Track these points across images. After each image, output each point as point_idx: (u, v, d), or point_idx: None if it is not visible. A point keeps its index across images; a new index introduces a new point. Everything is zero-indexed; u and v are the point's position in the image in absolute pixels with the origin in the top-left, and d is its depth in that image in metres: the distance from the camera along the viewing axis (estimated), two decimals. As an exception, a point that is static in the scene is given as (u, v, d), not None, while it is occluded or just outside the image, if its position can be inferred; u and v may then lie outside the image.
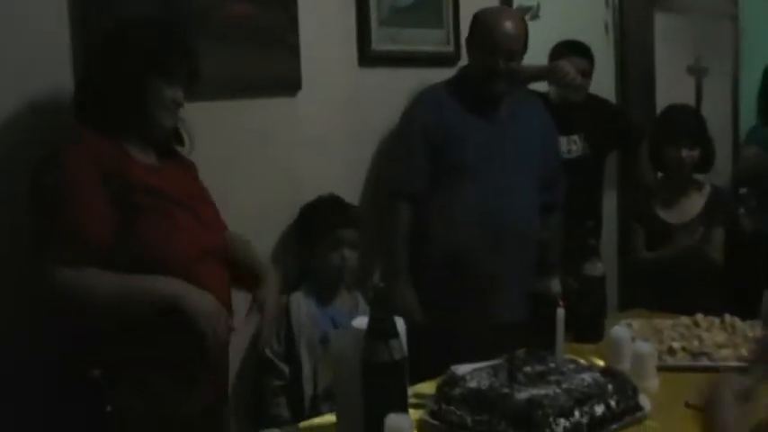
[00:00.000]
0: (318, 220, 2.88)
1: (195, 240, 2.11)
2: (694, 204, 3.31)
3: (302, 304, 2.83)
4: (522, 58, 3.09)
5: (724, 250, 3.23)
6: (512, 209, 2.98)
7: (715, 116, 4.88)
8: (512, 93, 3.09)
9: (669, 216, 3.30)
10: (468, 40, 3.13)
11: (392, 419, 1.64)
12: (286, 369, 2.78)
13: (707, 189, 3.35)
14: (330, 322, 2.83)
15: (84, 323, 1.99)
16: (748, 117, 5.04)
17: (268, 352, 2.77)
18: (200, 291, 2.03)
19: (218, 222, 2.27)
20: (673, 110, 3.51)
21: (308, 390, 2.75)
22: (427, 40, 3.24)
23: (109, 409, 1.35)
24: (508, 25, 3.01)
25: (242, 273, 2.29)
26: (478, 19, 3.09)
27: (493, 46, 2.99)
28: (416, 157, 3.02)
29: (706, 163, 3.35)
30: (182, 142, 2.27)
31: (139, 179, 2.05)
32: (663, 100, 4.49)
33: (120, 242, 1.98)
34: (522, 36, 3.05)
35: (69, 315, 1.98)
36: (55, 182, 1.98)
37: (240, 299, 2.29)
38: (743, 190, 3.85)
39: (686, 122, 3.36)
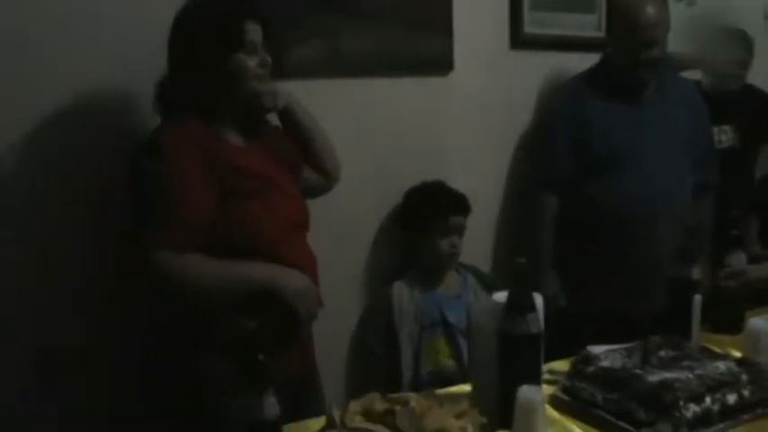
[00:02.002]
0: (429, 207, 2.86)
1: (284, 216, 2.16)
2: None
3: (405, 293, 2.84)
4: (665, 44, 3.00)
5: None
6: (664, 192, 2.94)
7: None
8: (656, 78, 3.02)
9: None
10: (608, 27, 3.07)
11: (525, 391, 1.70)
12: (386, 358, 2.81)
13: None
14: (435, 306, 2.85)
15: (180, 306, 2.04)
16: None
17: (369, 340, 2.85)
18: (290, 271, 2.10)
19: (298, 192, 2.29)
20: None
21: (406, 377, 2.78)
22: (578, 24, 3.25)
23: (261, 357, 1.45)
24: (649, 11, 2.90)
25: None
26: (618, 6, 3.01)
27: (633, 35, 2.91)
28: (559, 147, 3.01)
29: None
30: (268, 109, 2.26)
31: (235, 163, 2.08)
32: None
33: (217, 224, 2.03)
34: (665, 22, 2.95)
35: (169, 299, 2.02)
36: (159, 167, 2.00)
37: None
38: None
39: None
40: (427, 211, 2.86)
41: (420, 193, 2.92)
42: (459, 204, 2.90)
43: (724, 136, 3.57)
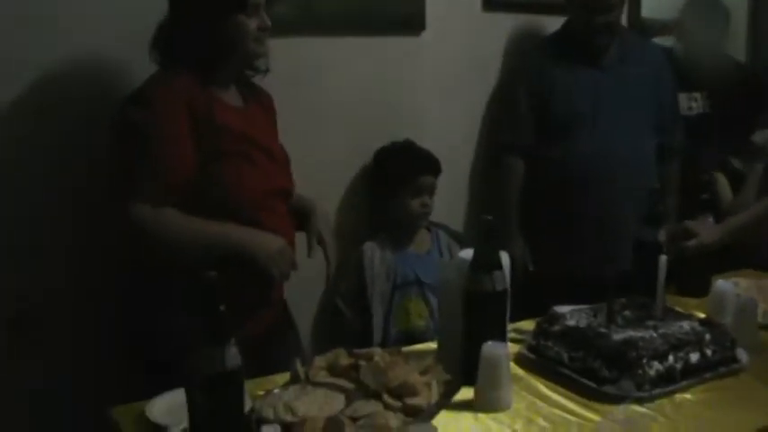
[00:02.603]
0: (400, 167, 2.85)
1: (270, 181, 2.17)
2: None
3: (376, 253, 2.84)
4: (622, 7, 3.03)
5: None
6: (624, 155, 2.95)
7: None
8: (616, 41, 3.03)
9: None
10: None
11: (489, 347, 1.71)
12: (357, 320, 2.82)
13: None
14: (407, 265, 2.85)
15: (154, 260, 2.04)
16: None
17: (338, 302, 2.84)
18: (267, 235, 2.10)
19: (287, 160, 2.31)
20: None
21: (377, 337, 2.78)
22: (551, -13, 3.21)
23: (222, 308, 1.45)
24: None
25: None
26: None
27: (588, 2, 2.94)
28: (523, 112, 3.02)
29: None
30: (259, 70, 2.25)
31: (224, 122, 2.07)
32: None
33: (200, 183, 2.02)
34: None
35: (141, 251, 2.02)
36: (144, 120, 2.00)
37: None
38: None
39: None
40: (398, 171, 2.85)
41: (390, 153, 2.90)
42: (429, 164, 2.89)
43: (694, 103, 3.57)
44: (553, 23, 3.18)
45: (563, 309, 2.07)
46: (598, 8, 2.93)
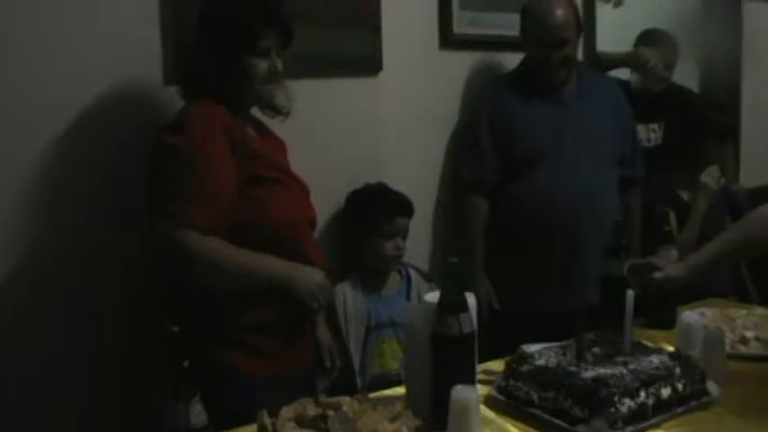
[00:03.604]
0: (374, 209, 2.84)
1: (304, 209, 2.23)
2: None
3: (349, 295, 2.81)
4: (577, 42, 3.07)
5: None
6: (587, 189, 2.96)
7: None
8: (574, 75, 3.06)
9: None
10: (521, 29, 3.09)
11: (458, 391, 1.67)
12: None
13: None
14: (381, 307, 2.83)
15: (190, 286, 2.05)
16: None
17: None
18: (308, 268, 2.13)
19: (309, 193, 2.33)
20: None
21: (359, 381, 2.75)
22: (508, 24, 3.20)
23: (186, 364, 1.41)
24: (557, 13, 2.96)
25: None
26: (527, 10, 3.06)
27: (543, 37, 2.97)
28: (484, 150, 3.03)
29: None
30: (280, 111, 2.30)
31: (260, 149, 2.12)
32: (748, 90, 4.43)
33: (241, 207, 2.04)
34: (573, 21, 3.00)
35: (187, 277, 2.04)
36: (187, 144, 2.01)
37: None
38: None
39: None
40: (371, 214, 2.84)
41: (363, 195, 2.89)
42: (402, 206, 2.88)
43: (653, 134, 3.61)
44: (511, 60, 3.21)
45: (532, 347, 2.05)
46: (553, 44, 2.96)
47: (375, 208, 2.85)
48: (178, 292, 2.10)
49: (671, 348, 2.14)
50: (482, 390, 1.94)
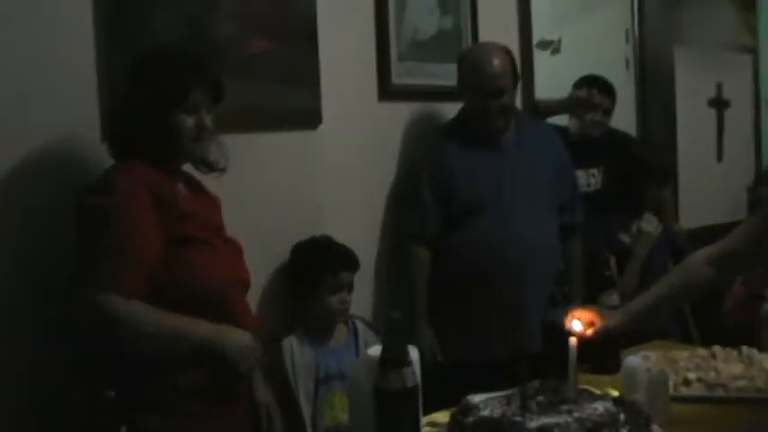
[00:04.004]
0: (320, 263, 2.82)
1: (235, 271, 2.18)
2: None
3: (296, 348, 2.78)
4: (515, 90, 3.10)
5: None
6: (529, 237, 2.97)
7: (736, 149, 4.92)
8: (513, 124, 3.09)
9: None
10: (459, 79, 3.12)
11: (404, 446, 1.66)
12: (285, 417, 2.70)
13: None
14: (329, 359, 2.81)
15: (115, 351, 2.01)
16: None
17: None
18: (235, 330, 2.09)
19: (242, 253, 2.29)
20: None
21: None
22: (447, 74, 3.24)
23: (123, 430, 1.37)
24: (493, 63, 2.99)
25: None
26: (463, 60, 3.09)
27: (480, 87, 3.00)
28: (424, 201, 3.03)
29: None
30: (213, 167, 2.28)
31: (187, 208, 2.08)
32: (684, 133, 4.53)
33: (167, 269, 2.01)
34: (509, 70, 3.03)
35: (110, 343, 1.99)
36: (110, 206, 1.98)
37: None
38: None
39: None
40: (317, 268, 2.82)
41: (308, 248, 2.87)
42: (348, 260, 2.87)
43: (593, 179, 3.66)
44: (450, 110, 3.23)
45: (476, 398, 2.03)
46: (490, 93, 2.98)
47: (320, 262, 2.83)
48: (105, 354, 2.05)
49: (616, 393, 2.13)
50: (428, 443, 1.92)
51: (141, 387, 2.01)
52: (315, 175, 2.99)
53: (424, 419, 1.94)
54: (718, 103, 4.92)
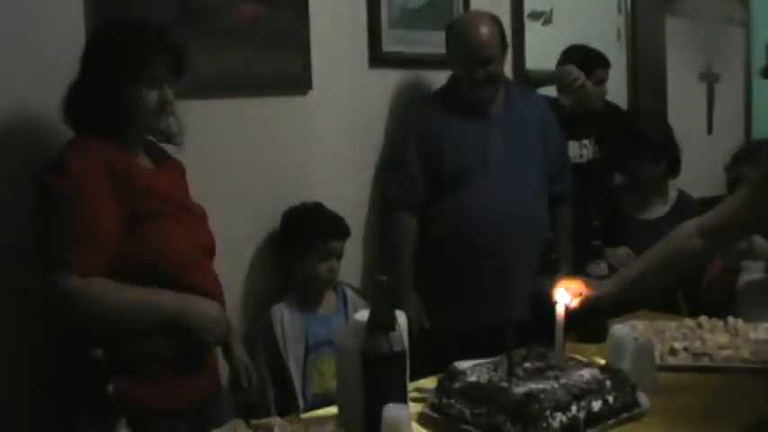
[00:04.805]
0: (310, 231, 2.82)
1: (196, 239, 2.16)
2: (658, 210, 3.41)
3: (286, 315, 2.79)
4: (503, 59, 3.09)
5: None
6: (517, 205, 2.98)
7: (726, 122, 4.92)
8: (502, 92, 3.08)
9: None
10: (447, 47, 3.10)
11: (390, 410, 1.66)
12: (276, 393, 2.75)
13: (672, 195, 3.44)
14: (318, 326, 2.81)
15: (86, 330, 1.99)
16: (760, 124, 5.07)
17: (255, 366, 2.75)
18: (201, 300, 2.09)
19: (205, 216, 2.28)
20: (639, 123, 3.61)
21: (301, 401, 2.73)
22: (437, 42, 3.21)
23: (110, 388, 1.37)
24: (481, 32, 2.98)
25: None
26: (451, 29, 3.08)
27: (467, 56, 2.99)
28: (412, 169, 3.03)
29: (672, 170, 3.45)
30: (172, 140, 2.24)
31: (146, 184, 2.05)
32: (674, 106, 4.52)
33: (127, 247, 1.99)
34: (497, 39, 3.02)
35: (72, 323, 1.98)
36: (63, 186, 1.96)
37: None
38: None
39: (651, 137, 3.41)
40: (307, 235, 2.81)
41: (299, 215, 2.87)
42: (338, 228, 2.87)
43: (585, 150, 3.65)
44: (439, 77, 3.22)
45: (463, 364, 2.04)
46: (477, 62, 2.97)
47: (310, 229, 2.82)
48: None
49: (602, 361, 2.14)
50: (415, 408, 1.93)
51: (109, 350, 1.96)
52: (304, 141, 2.98)
53: (411, 385, 1.95)
54: (709, 76, 4.91)
